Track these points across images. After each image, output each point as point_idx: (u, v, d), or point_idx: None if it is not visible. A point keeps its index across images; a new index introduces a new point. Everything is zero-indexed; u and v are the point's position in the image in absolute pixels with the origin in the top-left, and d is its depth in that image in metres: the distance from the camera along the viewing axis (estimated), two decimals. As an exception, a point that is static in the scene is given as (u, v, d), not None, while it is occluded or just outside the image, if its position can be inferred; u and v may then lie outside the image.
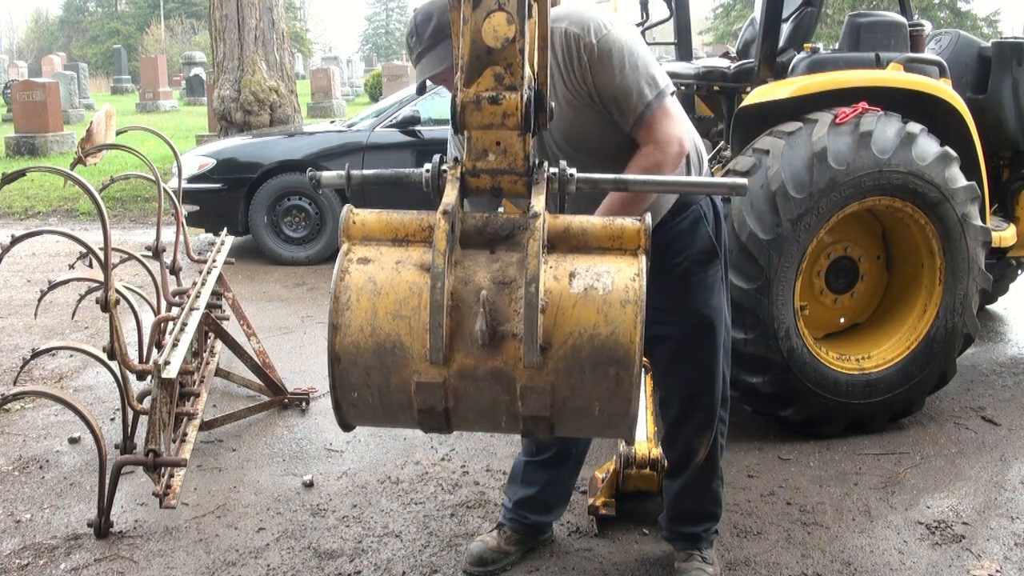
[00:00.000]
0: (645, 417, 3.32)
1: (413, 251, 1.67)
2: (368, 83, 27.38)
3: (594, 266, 1.64)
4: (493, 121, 1.64)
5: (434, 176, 1.76)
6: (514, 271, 1.61)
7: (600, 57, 2.29)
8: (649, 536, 3.16)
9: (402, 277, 1.64)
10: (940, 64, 4.13)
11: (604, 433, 1.75)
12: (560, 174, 1.76)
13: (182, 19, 48.19)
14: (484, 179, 1.72)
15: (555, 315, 1.58)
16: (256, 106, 10.54)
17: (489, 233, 1.67)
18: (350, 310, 1.63)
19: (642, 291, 1.60)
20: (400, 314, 1.61)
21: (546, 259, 1.63)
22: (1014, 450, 3.91)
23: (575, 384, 1.59)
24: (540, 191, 1.67)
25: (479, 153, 1.71)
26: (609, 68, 2.30)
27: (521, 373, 1.58)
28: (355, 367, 1.63)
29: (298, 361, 5.06)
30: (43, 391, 3.34)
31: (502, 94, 1.62)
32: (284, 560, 3.04)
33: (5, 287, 6.77)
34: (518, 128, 1.63)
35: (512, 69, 1.62)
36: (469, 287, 1.60)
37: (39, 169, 3.41)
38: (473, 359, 1.59)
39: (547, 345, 1.57)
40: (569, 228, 1.69)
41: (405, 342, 1.61)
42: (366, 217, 1.72)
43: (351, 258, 1.67)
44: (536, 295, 1.54)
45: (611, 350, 1.57)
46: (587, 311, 1.58)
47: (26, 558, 3.04)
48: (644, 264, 1.64)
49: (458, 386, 1.61)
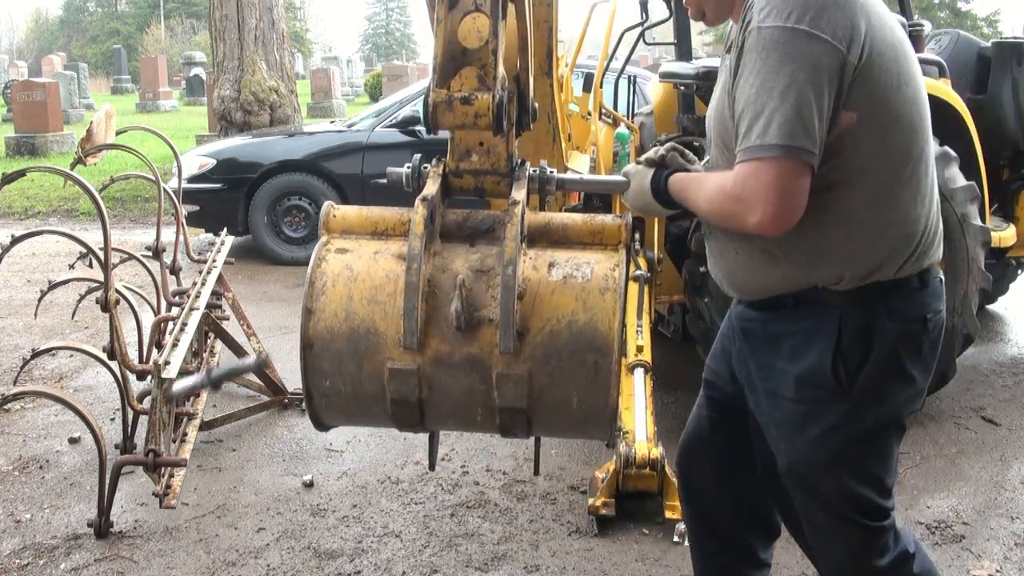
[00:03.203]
0: (645, 417, 3.32)
1: (392, 243, 1.68)
2: (368, 83, 27.39)
3: (574, 258, 1.64)
4: (465, 121, 1.64)
5: (414, 175, 1.78)
6: (492, 261, 1.61)
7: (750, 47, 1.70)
8: (649, 536, 3.16)
9: (379, 265, 1.64)
10: (940, 64, 4.12)
11: (583, 430, 1.71)
12: (540, 174, 1.78)
13: (182, 19, 48.18)
14: (467, 179, 1.74)
15: (533, 302, 1.58)
16: (256, 106, 10.54)
17: (469, 228, 1.68)
18: (325, 295, 1.62)
19: (622, 280, 1.60)
20: (375, 299, 1.60)
21: (526, 252, 1.64)
22: (1014, 450, 3.91)
23: (552, 372, 1.57)
24: (521, 185, 1.69)
25: (462, 153, 1.72)
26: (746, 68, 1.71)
27: (497, 360, 1.56)
28: (328, 353, 1.63)
29: (298, 361, 5.04)
30: (43, 391, 3.35)
31: (474, 94, 1.62)
32: (284, 560, 3.04)
33: (5, 287, 6.76)
34: (489, 128, 1.64)
35: (486, 70, 1.62)
36: (446, 275, 1.60)
37: (39, 169, 3.42)
38: (448, 345, 1.57)
39: (524, 331, 1.56)
40: (550, 223, 1.71)
41: (379, 327, 1.59)
42: (346, 212, 1.74)
43: (329, 248, 1.68)
44: (513, 277, 1.53)
45: (589, 337, 1.56)
46: (565, 298, 1.58)
47: (26, 558, 3.04)
48: (624, 257, 1.65)
49: (432, 374, 1.59)
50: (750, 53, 1.70)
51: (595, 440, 2.77)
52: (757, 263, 1.87)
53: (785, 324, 1.88)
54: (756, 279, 1.90)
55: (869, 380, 1.80)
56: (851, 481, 1.88)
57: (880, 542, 1.93)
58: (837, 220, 1.77)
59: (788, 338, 1.87)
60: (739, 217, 1.73)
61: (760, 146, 1.66)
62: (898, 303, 1.82)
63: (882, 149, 1.75)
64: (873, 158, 1.75)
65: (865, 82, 1.69)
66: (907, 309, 1.83)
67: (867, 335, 1.80)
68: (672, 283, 4.34)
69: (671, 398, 4.47)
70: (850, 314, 1.80)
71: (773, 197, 1.67)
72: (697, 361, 4.20)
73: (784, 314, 1.88)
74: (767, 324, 1.92)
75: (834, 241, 1.78)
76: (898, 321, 1.81)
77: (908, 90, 1.76)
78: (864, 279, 1.80)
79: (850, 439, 1.84)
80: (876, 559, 1.92)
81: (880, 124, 1.73)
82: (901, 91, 1.74)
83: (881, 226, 1.78)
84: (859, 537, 1.92)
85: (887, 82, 1.72)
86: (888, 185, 1.77)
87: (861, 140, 1.72)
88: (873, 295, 1.80)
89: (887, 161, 1.76)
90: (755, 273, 1.89)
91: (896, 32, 1.77)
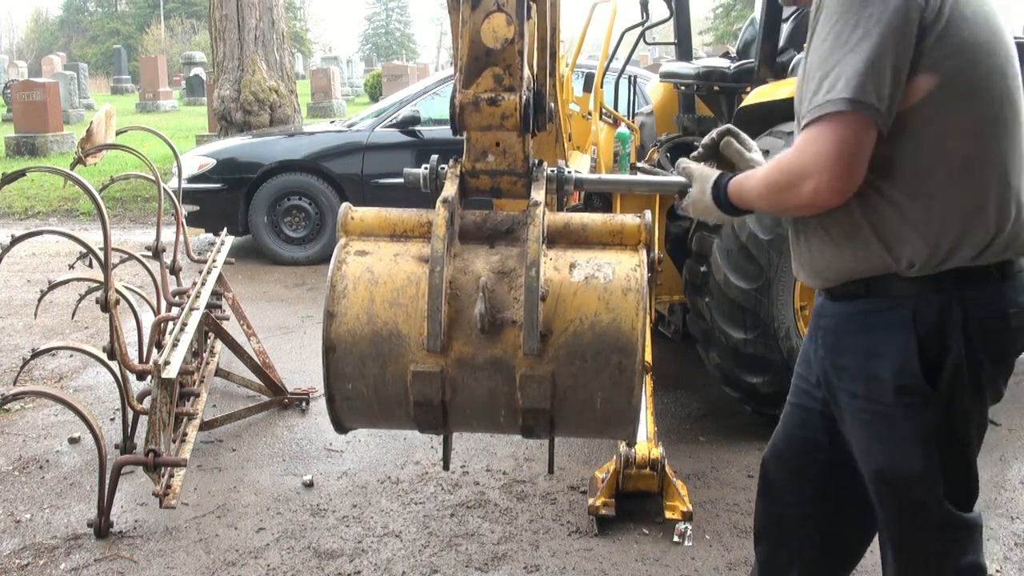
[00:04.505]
0: (645, 417, 3.32)
1: (412, 245, 1.68)
2: (368, 83, 27.39)
3: (595, 258, 1.64)
4: (492, 122, 1.64)
5: (432, 175, 1.77)
6: (514, 262, 1.60)
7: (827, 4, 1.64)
8: (649, 536, 3.16)
9: (400, 267, 1.63)
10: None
11: (606, 431, 1.72)
12: (559, 174, 1.76)
13: (182, 19, 48.17)
14: (484, 180, 1.73)
15: (555, 303, 1.57)
16: (256, 106, 10.54)
17: (489, 228, 1.68)
18: (347, 298, 1.62)
19: (644, 280, 1.60)
20: (398, 302, 1.60)
21: (546, 253, 1.63)
22: (1014, 450, 3.91)
23: (576, 372, 1.57)
24: (540, 186, 1.69)
25: (479, 154, 1.71)
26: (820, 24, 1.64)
27: (521, 362, 1.56)
28: (351, 356, 1.62)
29: (298, 361, 5.05)
30: (43, 391, 3.34)
31: (501, 95, 1.62)
32: (284, 560, 3.03)
33: (5, 287, 6.76)
34: (516, 129, 1.64)
35: (511, 70, 1.62)
36: (468, 276, 1.60)
37: (39, 169, 3.41)
38: (472, 347, 1.57)
39: (547, 333, 1.56)
40: (569, 223, 1.70)
41: (402, 330, 1.59)
42: (364, 214, 1.73)
43: (348, 250, 1.68)
44: (536, 279, 1.53)
45: (613, 337, 1.56)
46: (588, 299, 1.58)
47: (26, 558, 3.04)
48: (645, 257, 1.64)
49: (456, 376, 1.59)
50: (826, 9, 1.62)
51: (616, 440, 2.75)
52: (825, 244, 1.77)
53: (858, 317, 1.76)
54: (826, 262, 1.79)
55: (954, 378, 1.68)
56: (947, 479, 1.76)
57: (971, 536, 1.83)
58: (910, 195, 1.66)
59: (863, 333, 1.75)
60: (794, 190, 1.63)
61: (826, 102, 1.56)
62: (975, 292, 1.68)
63: (964, 120, 1.63)
64: (954, 130, 1.63)
65: (948, 44, 1.59)
66: (986, 300, 1.69)
67: (945, 327, 1.67)
68: (672, 283, 4.34)
69: (671, 398, 4.48)
70: (925, 304, 1.67)
71: (832, 157, 1.56)
72: (697, 361, 4.21)
73: (859, 303, 1.76)
74: (843, 316, 1.81)
75: (908, 218, 1.66)
76: (977, 314, 1.68)
77: (997, 60, 1.64)
78: (939, 265, 1.67)
79: (943, 440, 1.73)
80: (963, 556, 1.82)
81: (963, 92, 1.62)
82: (990, 60, 1.63)
83: (960, 207, 1.65)
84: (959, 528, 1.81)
85: (973, 49, 1.61)
86: (970, 161, 1.64)
87: (940, 108, 1.61)
88: (948, 283, 1.67)
89: (969, 135, 1.64)
90: (825, 255, 1.78)
91: (987, 3, 1.67)
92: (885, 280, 1.71)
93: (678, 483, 3.22)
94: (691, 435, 4.05)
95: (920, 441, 1.73)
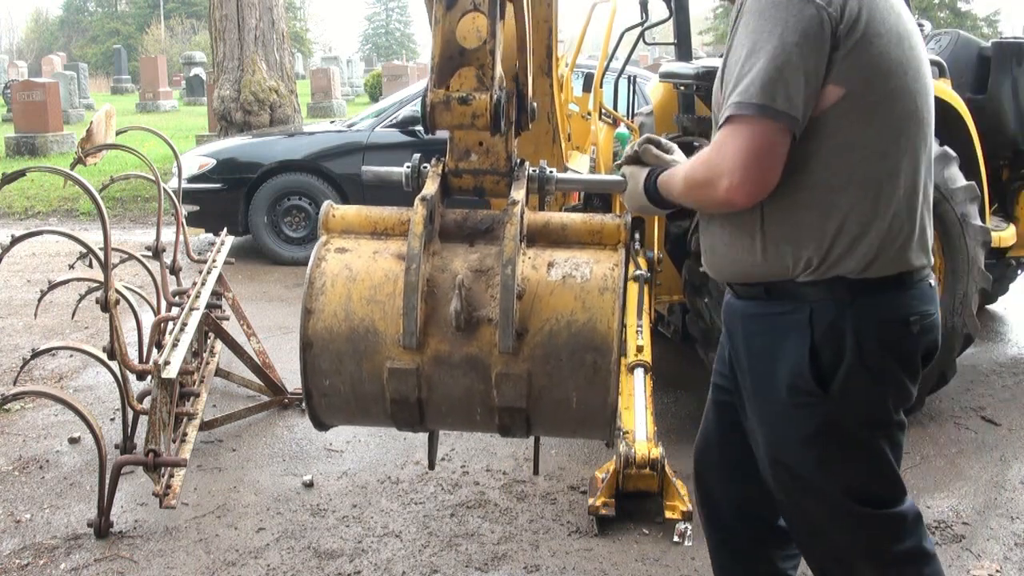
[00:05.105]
0: (645, 417, 3.32)
1: (391, 243, 1.68)
2: (368, 83, 27.39)
3: (573, 257, 1.64)
4: (463, 121, 1.64)
5: (414, 174, 1.78)
6: (492, 261, 1.61)
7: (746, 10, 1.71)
8: (649, 536, 3.16)
9: (378, 265, 1.64)
10: (940, 64, 4.12)
11: (582, 430, 1.71)
12: (540, 173, 1.77)
13: (182, 19, 48.18)
14: (466, 179, 1.74)
15: (532, 302, 1.57)
16: (256, 106, 10.54)
17: (469, 227, 1.68)
18: (324, 295, 1.62)
19: (621, 280, 1.60)
20: (375, 299, 1.60)
21: (525, 251, 1.64)
22: (1014, 450, 3.91)
23: (552, 371, 1.57)
24: (520, 185, 1.70)
25: (461, 153, 1.72)
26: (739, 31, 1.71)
27: (496, 360, 1.56)
28: (327, 352, 1.63)
29: (298, 361, 5.04)
30: (43, 391, 3.35)
31: (472, 94, 1.62)
32: (284, 560, 3.04)
33: (5, 287, 6.76)
34: (487, 128, 1.64)
35: (484, 70, 1.62)
36: (446, 274, 1.60)
37: (39, 169, 3.42)
38: (448, 344, 1.57)
39: (523, 331, 1.56)
40: (549, 223, 1.71)
41: (379, 327, 1.59)
42: (346, 211, 1.74)
43: (329, 247, 1.68)
44: (512, 277, 1.53)
45: (588, 337, 1.56)
46: (565, 298, 1.58)
47: (26, 558, 3.05)
48: (623, 257, 1.65)
49: (432, 373, 1.59)
50: (745, 16, 1.69)
51: (595, 440, 2.76)
52: (732, 240, 1.82)
53: (759, 319, 1.83)
54: (729, 258, 1.85)
55: (846, 381, 1.73)
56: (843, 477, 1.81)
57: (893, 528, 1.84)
58: (809, 201, 1.71)
59: (764, 334, 1.82)
60: (711, 186, 1.69)
61: (738, 103, 1.63)
62: (870, 302, 1.73)
63: (867, 134, 1.69)
64: (856, 142, 1.68)
65: (857, 58, 1.64)
66: (883, 310, 1.74)
67: (838, 334, 1.72)
68: (672, 283, 4.34)
69: (671, 398, 4.48)
70: (820, 309, 1.73)
71: (745, 159, 1.63)
72: (697, 361, 4.20)
73: (760, 304, 1.83)
74: (745, 316, 1.87)
75: (804, 224, 1.72)
76: (872, 321, 1.73)
77: (906, 79, 1.69)
78: (826, 271, 1.72)
79: (833, 440, 1.78)
80: (893, 544, 1.84)
81: (868, 107, 1.67)
82: (898, 79, 1.69)
83: (850, 216, 1.70)
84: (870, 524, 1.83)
85: (883, 66, 1.67)
86: (867, 174, 1.70)
87: (844, 120, 1.67)
88: (841, 291, 1.73)
89: (871, 149, 1.69)
90: (729, 252, 1.84)
91: (904, 22, 1.72)
92: (782, 284, 1.78)
93: (678, 483, 3.22)
94: (691, 435, 4.03)
95: (811, 441, 1.79)
